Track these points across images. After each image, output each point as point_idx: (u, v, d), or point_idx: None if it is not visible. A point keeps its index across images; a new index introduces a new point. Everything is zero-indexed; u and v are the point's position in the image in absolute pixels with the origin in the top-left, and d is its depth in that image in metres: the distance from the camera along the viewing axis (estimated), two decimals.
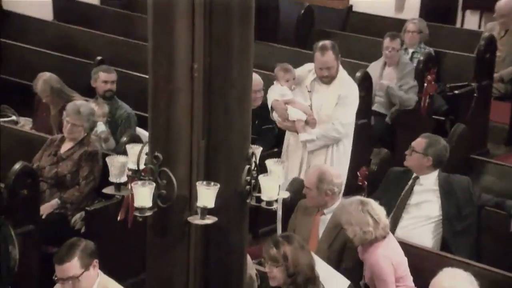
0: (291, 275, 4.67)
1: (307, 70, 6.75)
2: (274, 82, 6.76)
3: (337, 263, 5.49)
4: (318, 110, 6.61)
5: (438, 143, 6.06)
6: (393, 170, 6.28)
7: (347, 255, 5.50)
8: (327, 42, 6.64)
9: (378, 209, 5.25)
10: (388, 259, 5.17)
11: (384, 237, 5.21)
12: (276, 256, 4.68)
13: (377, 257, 5.16)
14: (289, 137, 6.83)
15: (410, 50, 9.10)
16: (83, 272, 4.52)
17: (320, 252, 5.47)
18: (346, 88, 6.61)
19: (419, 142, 6.08)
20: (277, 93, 6.64)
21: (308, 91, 6.66)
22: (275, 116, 6.71)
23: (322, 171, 5.66)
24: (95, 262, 4.60)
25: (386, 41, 8.39)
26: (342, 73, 6.67)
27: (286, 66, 6.73)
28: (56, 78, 7.75)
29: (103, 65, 8.03)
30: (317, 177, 5.61)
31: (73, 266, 4.52)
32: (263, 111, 7.14)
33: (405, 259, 5.29)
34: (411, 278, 5.32)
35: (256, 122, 7.01)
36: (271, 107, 6.71)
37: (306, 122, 6.58)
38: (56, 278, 4.58)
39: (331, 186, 5.59)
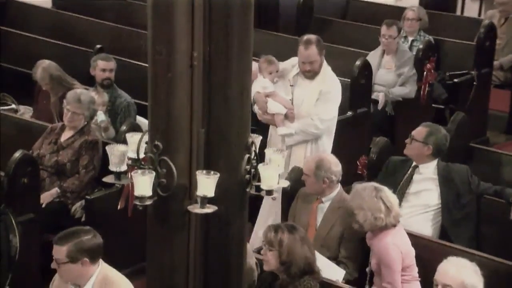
0: (283, 263, 4.67)
1: (291, 64, 6.66)
2: (258, 74, 6.71)
3: (335, 251, 5.50)
4: (299, 104, 6.51)
5: (438, 132, 6.06)
6: (392, 159, 6.28)
7: (345, 243, 5.51)
8: (312, 36, 6.57)
9: (391, 197, 5.26)
10: (397, 247, 5.17)
11: (394, 225, 5.22)
12: (272, 240, 4.70)
13: (387, 245, 5.17)
14: (271, 131, 6.72)
15: (410, 38, 9.09)
16: (66, 262, 4.49)
17: (318, 239, 5.49)
18: (328, 84, 6.49)
19: (420, 131, 6.07)
20: (259, 85, 6.57)
21: (291, 85, 6.57)
22: (255, 108, 6.62)
23: (320, 158, 5.67)
24: (85, 260, 4.51)
25: (383, 29, 8.36)
26: (326, 69, 6.56)
27: (270, 58, 6.67)
28: (56, 66, 7.74)
29: (102, 54, 8.01)
30: (315, 164, 5.62)
31: (61, 252, 4.50)
32: None
33: (413, 249, 5.28)
34: (416, 268, 5.32)
35: None
36: (253, 99, 6.62)
37: (286, 116, 6.49)
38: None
39: (329, 174, 5.59)
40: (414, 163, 6.09)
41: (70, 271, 4.53)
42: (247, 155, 4.01)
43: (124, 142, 4.12)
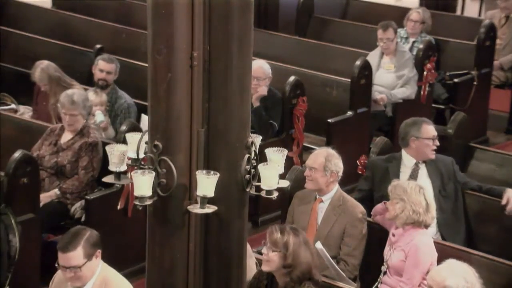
0: (288, 266, 4.55)
1: None
2: None
3: (336, 250, 5.50)
4: None
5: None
6: (376, 162, 6.26)
7: (346, 240, 5.50)
8: None
9: (431, 198, 5.29)
10: (431, 249, 5.15)
11: (427, 227, 5.22)
12: (277, 241, 4.56)
13: (420, 243, 5.13)
14: None
15: (411, 39, 9.07)
16: (85, 262, 4.45)
17: (320, 239, 5.48)
18: None
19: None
20: None
21: None
22: None
23: (328, 153, 5.63)
24: (98, 252, 4.52)
25: (379, 33, 8.31)
26: None
27: None
28: (54, 66, 7.71)
29: (106, 54, 7.96)
30: (324, 157, 5.58)
31: (77, 255, 4.43)
32: (265, 102, 7.16)
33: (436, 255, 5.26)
34: None
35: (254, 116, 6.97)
36: None
37: None
38: (58, 266, 4.55)
39: (337, 168, 5.58)
40: (415, 160, 6.08)
41: (88, 270, 4.48)
42: (247, 155, 4.02)
43: (124, 142, 4.12)
